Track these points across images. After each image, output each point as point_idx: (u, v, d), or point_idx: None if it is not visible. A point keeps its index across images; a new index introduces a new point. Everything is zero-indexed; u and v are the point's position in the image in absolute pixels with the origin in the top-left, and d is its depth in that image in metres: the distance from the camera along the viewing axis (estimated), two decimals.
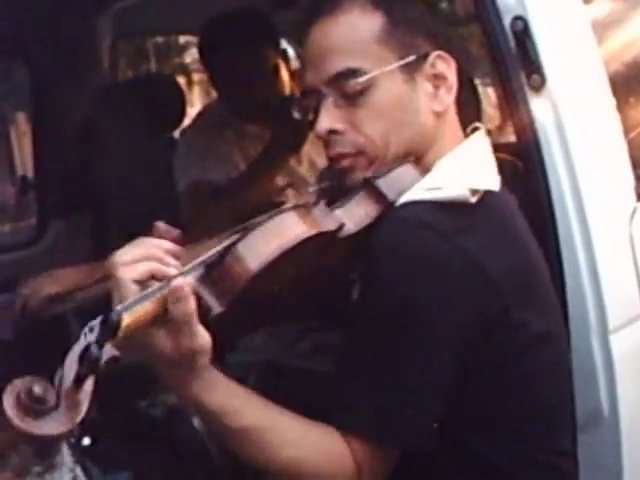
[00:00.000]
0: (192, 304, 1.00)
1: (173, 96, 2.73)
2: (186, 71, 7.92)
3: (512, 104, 1.42)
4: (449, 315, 1.11)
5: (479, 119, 1.81)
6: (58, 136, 2.73)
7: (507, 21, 1.40)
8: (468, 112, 1.52)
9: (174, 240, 1.10)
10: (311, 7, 1.27)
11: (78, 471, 1.39)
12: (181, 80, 6.14)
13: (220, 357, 1.09)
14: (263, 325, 1.35)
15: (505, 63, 1.41)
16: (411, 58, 1.20)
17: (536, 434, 1.21)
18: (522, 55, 1.40)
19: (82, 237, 2.74)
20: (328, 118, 1.21)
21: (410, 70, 1.21)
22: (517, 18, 1.40)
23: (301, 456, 1.13)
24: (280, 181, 2.12)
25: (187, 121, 2.72)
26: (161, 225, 1.14)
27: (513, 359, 1.17)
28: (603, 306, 1.38)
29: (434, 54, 1.22)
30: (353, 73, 1.19)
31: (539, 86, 1.40)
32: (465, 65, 1.32)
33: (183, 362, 1.03)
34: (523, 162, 1.48)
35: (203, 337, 1.02)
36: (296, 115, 1.28)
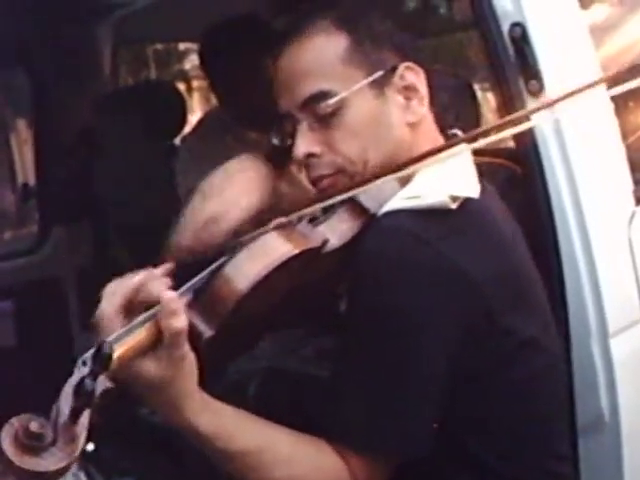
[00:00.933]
0: (184, 320, 1.00)
1: (174, 103, 2.74)
2: (186, 78, 7.93)
3: (511, 109, 1.43)
4: (435, 321, 1.11)
5: (478, 124, 1.82)
6: (59, 143, 2.74)
7: (505, 27, 1.41)
8: (467, 117, 1.53)
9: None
10: (277, 36, 1.28)
11: (82, 477, 1.40)
12: (181, 86, 6.15)
13: (215, 378, 1.09)
14: (256, 343, 1.36)
15: (504, 69, 1.42)
16: (379, 74, 1.21)
17: (532, 438, 1.21)
18: (520, 61, 1.41)
19: (83, 244, 2.75)
20: (304, 142, 1.22)
21: (379, 85, 1.21)
22: (515, 24, 1.41)
23: (295, 474, 1.13)
24: (281, 188, 2.12)
25: (187, 128, 2.73)
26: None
27: (503, 363, 1.17)
28: (603, 310, 1.38)
29: (402, 66, 1.23)
30: (324, 95, 1.20)
31: (537, 91, 1.41)
32: (458, 71, 1.32)
33: (173, 386, 1.02)
34: (521, 167, 1.48)
35: (191, 360, 1.03)
36: (275, 141, 1.29)
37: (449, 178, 1.21)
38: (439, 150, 1.18)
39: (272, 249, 1.09)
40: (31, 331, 2.59)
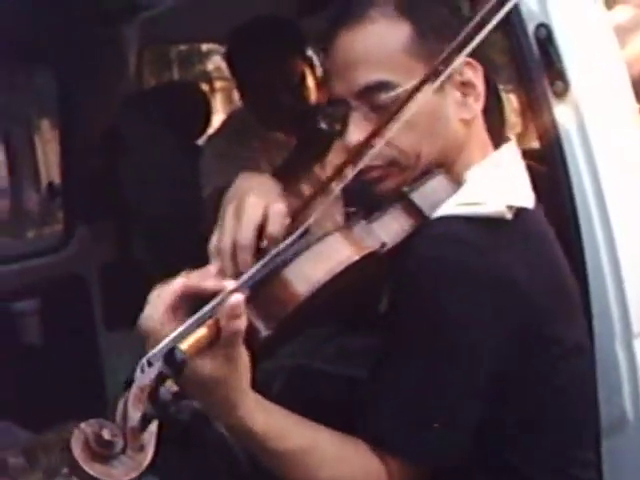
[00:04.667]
0: (244, 321, 0.99)
1: (199, 103, 2.76)
2: (208, 78, 7.96)
3: (536, 110, 1.43)
4: (485, 330, 1.11)
5: (503, 125, 1.82)
6: (84, 143, 2.76)
7: (531, 28, 1.41)
8: (492, 118, 1.53)
9: None
10: (336, 16, 1.24)
11: None
12: (204, 87, 6.18)
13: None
14: (295, 338, 1.36)
15: (529, 70, 1.42)
16: (441, 68, 1.17)
17: (565, 444, 1.21)
18: (545, 62, 1.40)
19: (108, 243, 2.77)
20: (358, 131, 1.19)
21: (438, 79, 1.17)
22: (541, 25, 1.40)
23: (340, 474, 1.13)
24: (304, 188, 2.13)
25: (211, 129, 2.74)
26: None
27: (546, 373, 1.17)
28: (627, 311, 1.37)
29: (462, 61, 1.19)
30: (384, 86, 1.17)
31: (562, 92, 1.40)
32: (489, 71, 1.32)
33: (227, 384, 1.01)
34: (547, 168, 1.48)
35: (246, 358, 1.02)
36: (322, 124, 1.28)
37: (505, 184, 1.20)
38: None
39: (334, 253, 1.07)
40: (56, 329, 2.61)
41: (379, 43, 1.19)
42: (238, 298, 0.98)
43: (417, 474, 1.15)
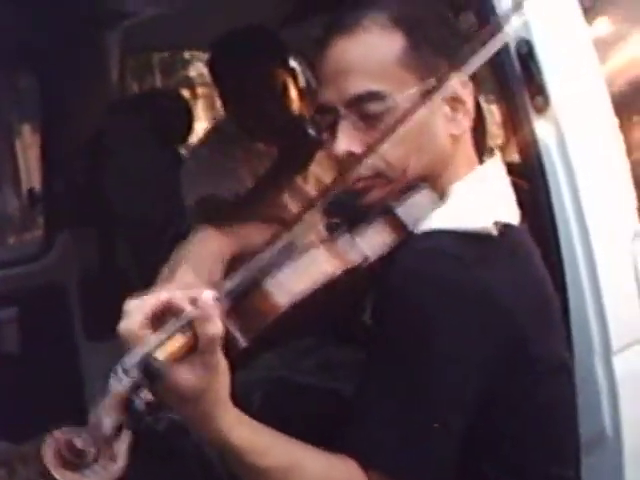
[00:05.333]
0: (220, 326, 0.97)
1: (181, 110, 2.75)
2: (191, 85, 7.95)
3: (516, 125, 1.43)
4: (472, 346, 1.10)
5: (484, 137, 1.82)
6: (66, 149, 2.75)
7: (512, 43, 1.41)
8: (475, 132, 1.53)
9: None
10: (330, 23, 1.23)
11: None
12: (186, 94, 6.18)
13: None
14: (271, 345, 1.36)
15: (509, 85, 1.42)
16: (431, 81, 1.17)
17: (543, 461, 1.21)
18: (526, 77, 1.41)
19: (89, 250, 2.76)
20: (346, 140, 1.18)
21: (430, 93, 1.17)
22: (522, 41, 1.41)
23: None
24: (286, 199, 2.13)
25: (193, 135, 2.74)
26: None
27: (531, 390, 1.17)
28: (606, 327, 1.38)
29: (453, 76, 1.19)
30: (374, 96, 1.16)
31: (543, 107, 1.41)
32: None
33: (206, 395, 0.99)
34: (526, 182, 1.49)
35: (225, 368, 1.00)
36: (310, 131, 1.27)
37: (491, 200, 1.20)
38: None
39: (316, 266, 1.07)
40: (35, 338, 2.59)
41: (372, 53, 1.18)
42: (208, 295, 0.97)
43: None
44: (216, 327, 0.97)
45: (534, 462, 1.19)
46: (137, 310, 0.99)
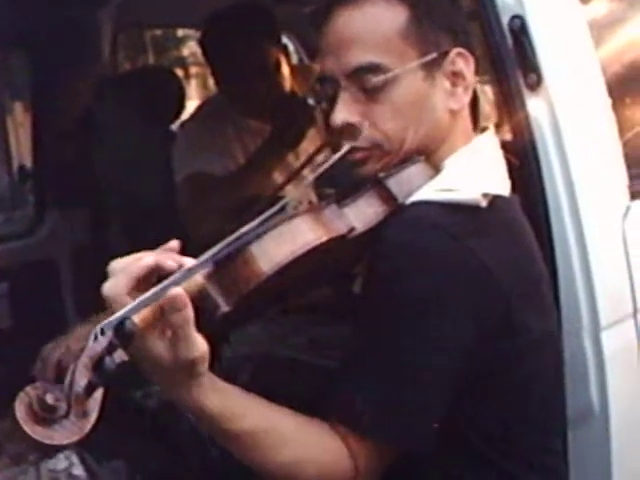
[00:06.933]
0: (190, 312, 0.97)
1: (173, 88, 2.74)
2: (183, 64, 7.92)
3: (509, 102, 1.43)
4: (454, 315, 1.11)
5: (476, 116, 1.82)
6: (57, 127, 2.73)
7: (505, 20, 1.41)
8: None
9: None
10: None
11: (74, 458, 1.40)
12: (178, 72, 6.15)
13: (215, 351, 1.08)
14: (258, 317, 1.36)
15: (502, 62, 1.42)
16: (432, 55, 1.19)
17: (532, 432, 1.22)
18: (519, 54, 1.41)
19: (79, 228, 2.75)
20: (345, 110, 1.19)
21: (430, 67, 1.19)
22: (515, 17, 1.41)
23: (300, 456, 1.12)
24: (277, 176, 2.13)
25: (185, 114, 2.73)
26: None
27: (515, 361, 1.18)
28: (595, 303, 1.39)
29: (455, 51, 1.20)
30: (375, 68, 1.17)
31: (536, 85, 1.41)
32: None
33: (181, 369, 1.00)
34: (518, 160, 1.49)
35: (201, 344, 0.99)
36: (310, 101, 1.27)
37: (482, 171, 1.20)
38: None
39: (300, 234, 1.07)
40: (26, 313, 2.59)
41: (376, 25, 1.18)
42: (175, 292, 0.96)
43: (380, 458, 1.14)
44: (184, 314, 0.96)
45: (518, 432, 1.20)
46: (122, 272, 0.99)
